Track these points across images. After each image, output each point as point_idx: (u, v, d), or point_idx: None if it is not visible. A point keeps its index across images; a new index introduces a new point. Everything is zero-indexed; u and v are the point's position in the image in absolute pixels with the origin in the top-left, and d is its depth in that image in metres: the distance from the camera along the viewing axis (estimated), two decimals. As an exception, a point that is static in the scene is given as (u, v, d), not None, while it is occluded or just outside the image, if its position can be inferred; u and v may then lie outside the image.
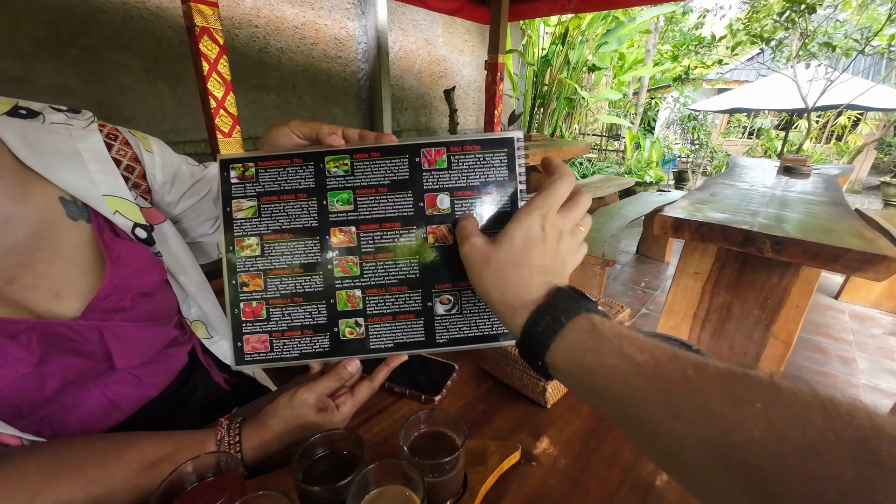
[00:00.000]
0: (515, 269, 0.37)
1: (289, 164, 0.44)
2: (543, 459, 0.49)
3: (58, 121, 0.48)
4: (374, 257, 0.44)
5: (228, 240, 0.43)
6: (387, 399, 0.59)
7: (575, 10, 3.37)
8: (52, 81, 2.37)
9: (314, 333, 0.45)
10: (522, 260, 0.37)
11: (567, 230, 0.39)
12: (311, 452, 0.40)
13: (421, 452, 0.40)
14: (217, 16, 1.99)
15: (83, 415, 0.48)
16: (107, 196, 0.49)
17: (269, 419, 0.44)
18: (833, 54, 6.44)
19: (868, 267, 1.23)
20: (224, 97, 2.12)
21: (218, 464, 0.37)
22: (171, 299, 0.58)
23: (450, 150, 0.44)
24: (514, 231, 0.38)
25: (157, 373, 0.57)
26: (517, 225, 0.38)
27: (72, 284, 0.46)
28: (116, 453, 0.40)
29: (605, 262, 2.14)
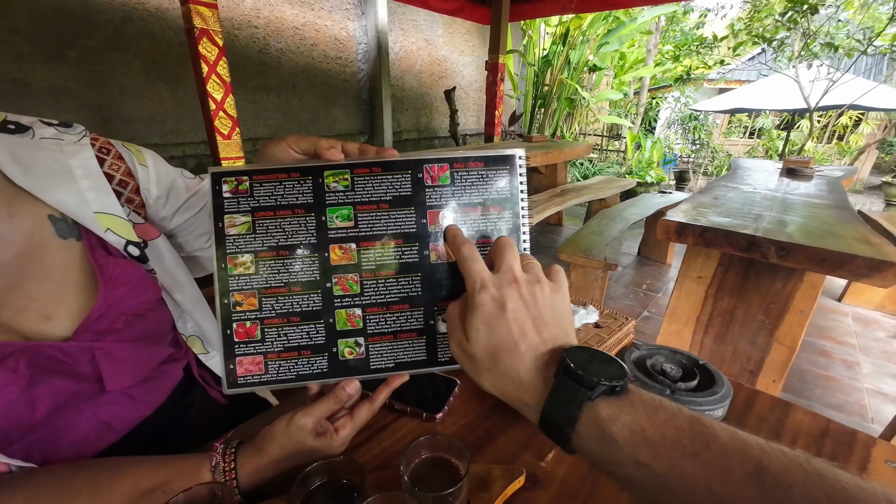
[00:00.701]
0: (498, 364, 0.34)
1: (286, 178, 0.43)
2: (549, 483, 0.48)
3: (48, 135, 0.47)
4: (375, 275, 0.43)
5: (220, 257, 0.42)
6: (387, 417, 0.58)
7: (576, 11, 3.36)
8: (52, 83, 2.36)
9: (312, 354, 0.43)
10: (498, 346, 0.34)
11: (515, 279, 0.35)
12: (309, 482, 0.38)
13: (423, 480, 0.39)
14: (216, 17, 1.97)
15: (75, 438, 0.47)
16: (98, 213, 0.47)
17: (266, 444, 0.43)
18: (835, 54, 6.41)
19: (875, 273, 1.21)
20: (223, 99, 2.11)
21: (212, 494, 0.35)
22: (165, 317, 0.57)
23: (453, 167, 0.43)
24: (473, 322, 0.35)
25: (151, 391, 0.55)
26: (472, 314, 0.35)
27: (62, 305, 0.45)
28: (108, 483, 0.39)
29: (607, 266, 2.13)
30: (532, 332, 0.34)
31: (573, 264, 2.26)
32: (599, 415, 0.30)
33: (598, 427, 0.29)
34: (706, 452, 0.26)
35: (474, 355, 0.35)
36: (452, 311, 0.38)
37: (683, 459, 0.26)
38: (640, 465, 0.28)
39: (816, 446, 0.55)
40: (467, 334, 0.35)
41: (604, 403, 0.30)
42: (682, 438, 0.27)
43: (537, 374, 0.33)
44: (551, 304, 0.36)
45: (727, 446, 0.26)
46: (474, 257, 0.37)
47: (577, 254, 2.21)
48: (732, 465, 0.25)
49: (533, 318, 0.34)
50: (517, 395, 0.34)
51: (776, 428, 0.59)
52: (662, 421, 0.28)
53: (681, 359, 0.66)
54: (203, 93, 1.89)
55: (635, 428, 0.28)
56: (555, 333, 0.35)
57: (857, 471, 0.51)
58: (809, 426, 0.59)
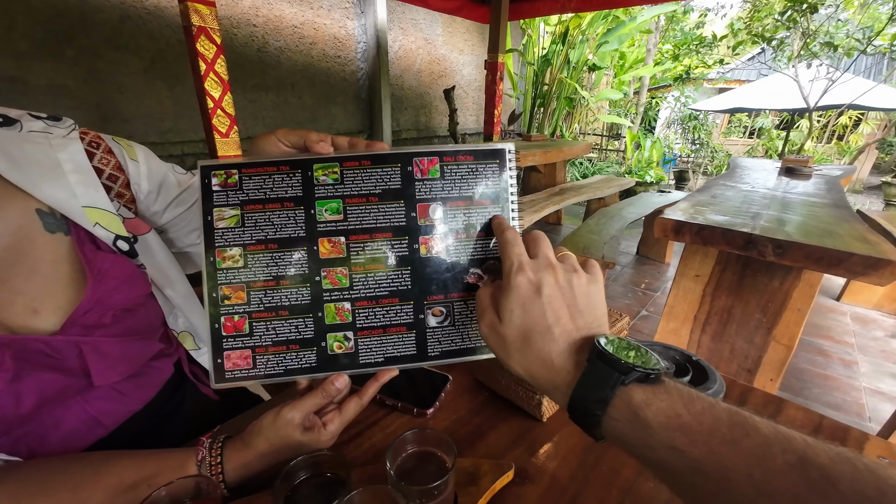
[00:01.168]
0: (530, 346, 0.34)
1: (275, 171, 0.42)
2: (539, 478, 0.47)
3: (37, 129, 0.47)
4: (364, 268, 0.43)
5: (209, 250, 0.42)
6: (378, 412, 0.58)
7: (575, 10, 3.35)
8: (50, 81, 2.36)
9: (300, 348, 0.43)
10: (531, 329, 0.34)
11: (552, 265, 0.36)
12: (294, 476, 0.38)
13: (409, 474, 0.38)
14: (214, 15, 1.97)
15: (63, 432, 0.47)
16: (87, 208, 0.47)
17: (253, 438, 0.43)
18: (835, 54, 6.41)
19: (872, 271, 1.21)
20: (221, 97, 2.10)
21: (196, 487, 0.35)
22: (155, 313, 0.56)
23: (443, 160, 0.43)
24: (508, 303, 0.35)
25: (141, 386, 0.55)
26: (508, 294, 0.35)
27: (50, 300, 0.45)
28: (93, 476, 0.38)
29: (605, 265, 2.12)
30: (566, 317, 0.34)
31: (571, 263, 2.26)
32: (633, 398, 0.29)
33: (631, 410, 0.29)
34: (746, 441, 0.25)
35: (506, 336, 0.35)
36: (483, 296, 0.39)
37: (722, 446, 0.26)
38: (674, 449, 0.27)
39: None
40: (501, 315, 0.36)
41: (637, 388, 0.30)
42: (721, 427, 0.26)
43: (570, 357, 0.33)
44: (587, 293, 0.36)
45: (769, 437, 0.25)
46: (517, 241, 0.38)
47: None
48: (774, 455, 0.24)
49: (568, 305, 0.35)
50: (547, 376, 0.34)
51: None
52: (699, 409, 0.28)
53: (674, 354, 0.66)
54: (201, 91, 1.88)
55: (671, 413, 0.28)
56: (589, 321, 0.35)
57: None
58: (802, 422, 0.59)
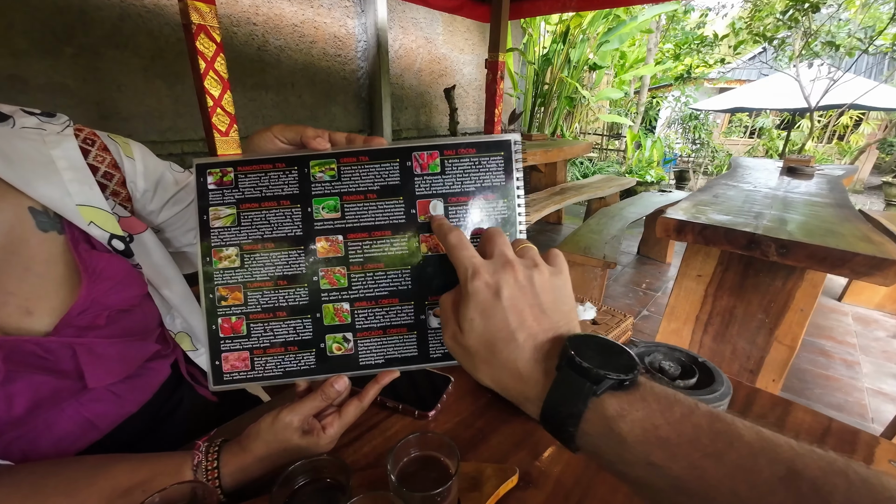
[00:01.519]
0: (495, 355, 0.31)
1: (271, 168, 0.41)
2: (543, 482, 0.46)
3: (30, 125, 0.46)
4: (363, 268, 0.42)
5: (205, 250, 0.41)
6: (379, 414, 0.56)
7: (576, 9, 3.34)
8: (49, 79, 2.35)
9: (299, 350, 0.42)
10: (495, 336, 0.31)
11: (510, 263, 0.33)
12: (292, 481, 0.37)
13: (411, 479, 0.37)
14: (214, 13, 1.96)
15: (56, 435, 0.46)
16: (81, 206, 0.46)
17: (251, 442, 0.41)
18: (836, 53, 6.40)
19: (876, 272, 1.20)
20: (221, 96, 2.09)
21: (192, 493, 0.34)
22: (152, 313, 0.55)
23: (443, 154, 0.42)
24: (467, 311, 0.32)
25: (137, 388, 0.54)
26: (466, 303, 0.32)
27: (44, 300, 0.44)
28: (87, 480, 0.37)
29: (606, 264, 2.11)
30: (530, 319, 0.31)
31: (572, 263, 2.25)
32: (606, 411, 0.27)
33: (605, 424, 0.27)
34: (730, 453, 0.24)
35: (469, 347, 0.32)
36: (445, 302, 0.36)
37: (704, 460, 0.24)
38: (653, 465, 0.25)
39: (818, 445, 0.54)
40: (461, 325, 0.33)
41: (611, 398, 0.27)
42: (702, 437, 0.24)
43: (537, 365, 0.30)
44: (551, 288, 0.33)
45: (753, 446, 0.23)
46: (463, 244, 0.35)
47: (575, 252, 2.20)
48: (760, 468, 0.23)
49: (530, 305, 0.32)
50: (516, 388, 0.31)
51: (777, 427, 0.57)
52: (678, 417, 0.26)
53: (679, 356, 0.65)
54: (200, 89, 1.88)
55: (647, 425, 0.26)
56: (555, 320, 0.32)
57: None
58: (811, 425, 0.58)
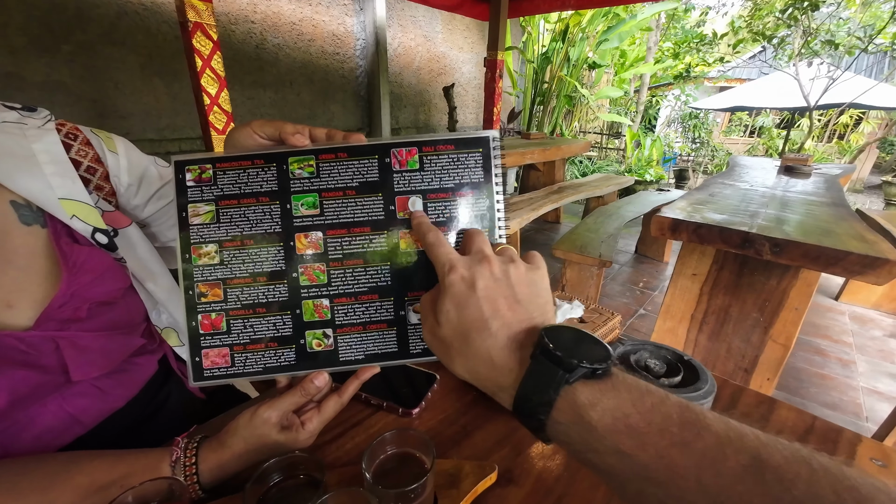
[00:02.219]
0: (470, 345, 0.32)
1: (249, 165, 0.41)
2: (524, 479, 0.47)
3: (10, 119, 0.46)
4: (343, 264, 0.42)
5: (184, 247, 0.41)
6: (363, 412, 0.57)
7: (575, 7, 3.34)
8: (46, 77, 2.34)
9: (279, 346, 0.42)
10: (469, 326, 0.32)
11: (486, 258, 0.34)
12: (267, 478, 0.37)
13: (388, 476, 0.37)
14: (211, 11, 1.96)
15: (38, 430, 0.46)
16: (63, 200, 0.46)
17: (229, 438, 0.42)
18: (836, 52, 6.39)
19: (869, 271, 1.20)
20: (218, 93, 2.09)
21: (168, 489, 0.34)
22: (136, 307, 0.55)
23: (422, 151, 0.42)
24: (444, 304, 0.33)
25: (122, 383, 0.54)
26: (442, 296, 0.33)
27: (25, 293, 0.44)
28: (63, 476, 0.38)
29: (601, 263, 2.11)
30: (504, 308, 0.32)
31: (568, 261, 2.25)
32: (578, 399, 0.27)
33: (575, 412, 0.27)
34: (697, 442, 0.24)
35: (445, 339, 0.33)
36: (425, 301, 0.36)
37: (671, 449, 0.24)
38: (621, 454, 0.25)
39: (800, 443, 0.54)
40: (438, 318, 0.33)
41: (583, 387, 0.27)
42: (671, 426, 0.25)
43: (511, 354, 0.31)
44: (526, 281, 0.34)
45: (720, 436, 0.24)
46: (440, 241, 0.36)
47: (572, 251, 2.20)
48: (726, 456, 0.23)
49: (505, 296, 0.32)
50: (489, 376, 0.31)
51: (760, 424, 0.57)
52: (648, 407, 0.26)
53: (666, 354, 0.65)
54: (197, 87, 1.88)
55: (618, 414, 0.26)
56: (530, 311, 0.33)
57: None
58: (794, 423, 0.58)
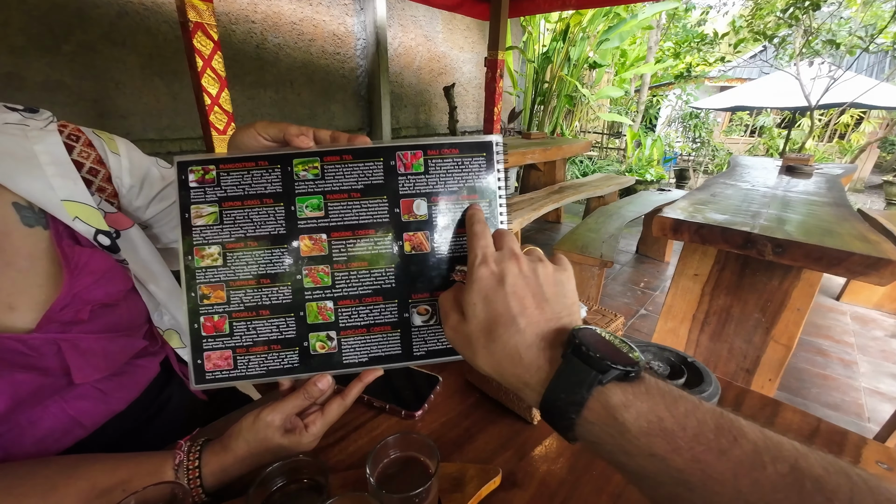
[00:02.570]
0: (495, 340, 0.32)
1: (253, 166, 0.41)
2: (527, 483, 0.46)
3: (12, 121, 0.46)
4: (347, 266, 0.42)
5: (187, 248, 0.41)
6: (365, 414, 0.56)
7: (576, 7, 3.33)
8: (46, 77, 2.34)
9: (282, 348, 0.42)
10: (496, 321, 0.32)
11: (516, 256, 0.34)
12: (270, 482, 0.37)
13: (392, 481, 0.37)
14: (211, 11, 1.96)
15: (40, 433, 0.46)
16: (66, 201, 0.46)
17: (232, 442, 0.41)
18: (837, 52, 6.38)
19: (872, 271, 1.20)
20: (219, 94, 2.09)
21: (171, 493, 0.34)
22: (138, 309, 0.55)
23: (427, 154, 0.42)
24: (471, 297, 0.33)
25: (124, 386, 0.54)
26: (470, 288, 0.34)
27: (26, 295, 0.43)
28: (64, 481, 0.37)
29: (602, 263, 2.11)
30: (532, 307, 0.32)
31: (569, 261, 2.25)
32: (610, 400, 0.27)
33: (608, 413, 0.27)
34: (734, 449, 0.24)
35: (470, 334, 0.33)
36: (445, 299, 0.37)
37: (707, 454, 0.24)
38: (655, 457, 0.25)
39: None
40: (465, 311, 0.34)
41: (616, 388, 0.27)
42: (706, 432, 0.25)
43: (540, 352, 0.31)
44: (554, 281, 0.34)
45: (757, 444, 0.24)
46: (485, 234, 0.37)
47: (572, 251, 2.20)
48: (764, 464, 0.23)
49: (533, 293, 0.33)
50: (515, 373, 0.31)
51: (765, 427, 0.57)
52: (682, 412, 0.26)
53: (669, 356, 0.64)
54: (198, 87, 1.87)
55: (651, 417, 0.26)
56: (558, 311, 0.33)
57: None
58: (799, 425, 0.57)
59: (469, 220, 0.40)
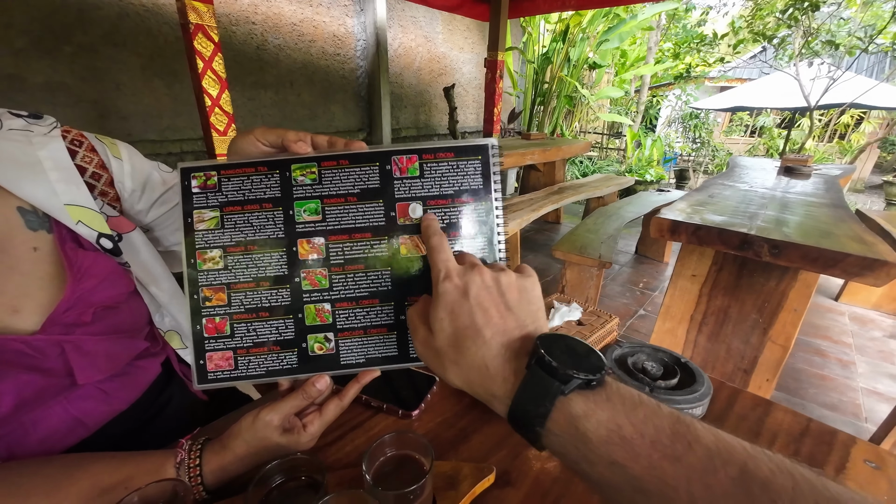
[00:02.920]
0: (463, 353, 0.32)
1: (253, 172, 0.42)
2: (521, 481, 0.47)
3: (16, 127, 0.47)
4: (344, 269, 0.42)
5: (189, 252, 0.42)
6: (362, 414, 0.57)
7: (575, 7, 3.34)
8: (47, 79, 2.35)
9: (281, 349, 0.43)
10: (462, 334, 0.32)
11: (478, 267, 0.35)
12: (268, 480, 0.38)
13: (387, 479, 0.38)
14: (212, 13, 1.97)
15: (43, 433, 0.46)
16: (69, 205, 0.47)
17: (232, 441, 0.42)
18: (836, 52, 6.38)
19: (867, 272, 1.20)
20: (219, 95, 2.10)
21: (172, 491, 0.35)
22: (140, 311, 0.56)
23: (422, 158, 0.42)
24: (436, 312, 0.33)
25: (126, 386, 0.55)
26: (436, 303, 0.34)
27: (30, 298, 0.44)
28: (67, 479, 0.38)
29: (601, 264, 2.12)
30: (496, 317, 0.32)
31: (568, 262, 2.26)
32: (573, 410, 0.27)
33: (570, 424, 0.27)
34: (688, 454, 0.24)
35: (439, 349, 0.33)
36: (413, 314, 0.37)
37: (663, 461, 0.24)
38: (615, 465, 0.26)
39: (795, 445, 0.55)
40: (432, 327, 0.34)
41: (578, 398, 0.28)
42: (663, 438, 0.25)
43: (506, 363, 0.31)
44: (517, 288, 0.34)
45: (710, 448, 0.24)
46: (443, 247, 0.37)
47: (571, 251, 2.21)
48: (716, 469, 0.23)
49: (496, 303, 0.33)
50: (483, 384, 0.32)
51: (756, 427, 0.58)
52: (641, 418, 0.26)
53: (663, 357, 0.65)
54: (198, 89, 1.88)
55: (612, 426, 0.26)
56: (523, 319, 0.33)
57: (834, 470, 0.51)
58: (790, 425, 0.58)
59: (425, 231, 0.39)
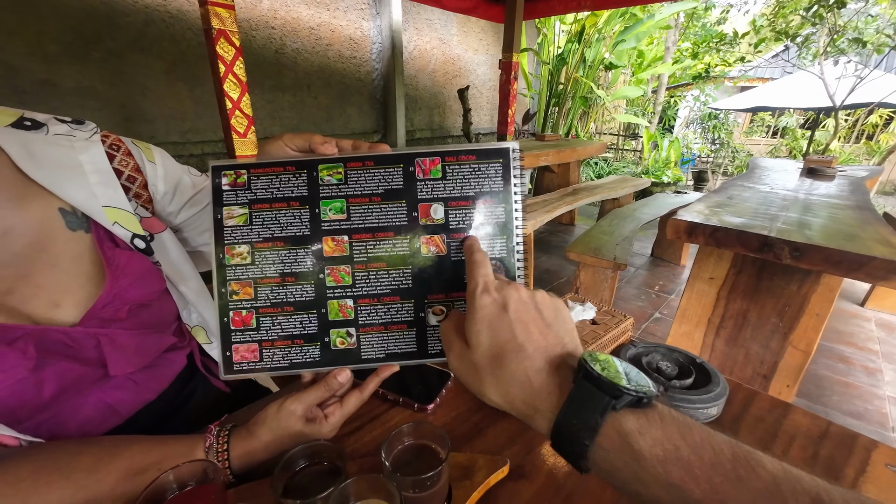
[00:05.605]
0: (504, 367, 0.31)
1: (281, 171, 0.44)
2: (535, 475, 0.48)
3: (61, 132, 0.50)
4: (367, 267, 0.44)
5: (219, 247, 0.44)
6: (380, 407, 0.59)
7: (591, 8, 3.32)
8: (77, 84, 2.45)
9: (305, 343, 0.45)
10: (503, 348, 0.32)
11: (514, 284, 0.35)
12: (292, 464, 0.40)
13: (405, 467, 0.40)
14: (233, 18, 2.02)
15: (81, 419, 0.49)
16: (106, 207, 0.50)
17: (258, 428, 0.44)
18: (863, 50, 6.19)
19: (894, 276, 1.17)
20: (240, 98, 2.15)
21: (203, 472, 0.37)
22: (170, 307, 0.59)
23: (444, 160, 0.44)
24: (474, 325, 0.33)
25: (155, 377, 0.58)
26: (472, 317, 0.33)
27: (70, 294, 0.47)
28: (107, 459, 0.41)
29: (616, 266, 2.10)
30: (537, 332, 0.32)
31: (582, 264, 2.25)
32: (625, 426, 0.26)
33: (623, 440, 0.26)
34: (752, 479, 0.23)
35: (476, 362, 0.33)
36: (447, 329, 0.37)
37: (725, 484, 0.23)
38: (671, 486, 0.24)
39: (814, 448, 0.55)
40: (469, 340, 0.33)
41: (630, 415, 0.27)
42: (723, 461, 0.24)
43: (549, 377, 0.30)
44: (552, 307, 0.35)
45: (776, 474, 0.23)
46: (484, 263, 0.37)
47: (586, 253, 2.19)
48: (784, 496, 0.22)
49: (534, 319, 0.33)
50: (526, 399, 0.31)
51: (773, 429, 0.58)
52: (697, 441, 0.25)
53: (678, 357, 0.65)
54: (220, 92, 1.93)
55: (667, 445, 0.25)
56: (560, 335, 0.33)
57: (854, 473, 0.50)
58: (808, 428, 0.58)
59: (468, 250, 0.40)
